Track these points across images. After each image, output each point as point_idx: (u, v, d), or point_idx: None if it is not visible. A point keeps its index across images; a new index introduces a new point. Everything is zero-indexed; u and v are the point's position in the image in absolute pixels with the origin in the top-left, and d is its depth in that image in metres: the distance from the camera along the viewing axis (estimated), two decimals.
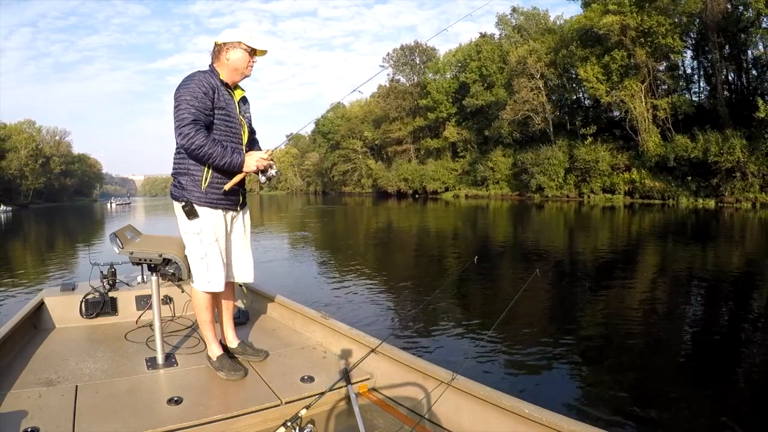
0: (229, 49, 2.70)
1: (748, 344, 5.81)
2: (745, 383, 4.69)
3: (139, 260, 2.91)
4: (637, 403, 4.12)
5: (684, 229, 20.16)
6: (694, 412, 4.05)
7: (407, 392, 2.55)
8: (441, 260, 12.69)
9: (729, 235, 18.23)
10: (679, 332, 6.34)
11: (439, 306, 7.32)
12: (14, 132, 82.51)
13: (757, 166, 31.84)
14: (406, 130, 68.51)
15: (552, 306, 7.66)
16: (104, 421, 2.20)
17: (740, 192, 32.65)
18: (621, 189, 40.57)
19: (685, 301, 8.02)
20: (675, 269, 10.80)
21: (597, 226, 22.73)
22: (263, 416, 2.39)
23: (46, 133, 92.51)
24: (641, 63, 37.91)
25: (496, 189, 52.76)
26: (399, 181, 67.22)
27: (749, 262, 12.03)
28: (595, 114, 45.14)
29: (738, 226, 21.51)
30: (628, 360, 5.26)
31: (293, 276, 10.28)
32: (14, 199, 74.08)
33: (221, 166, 2.62)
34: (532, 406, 1.99)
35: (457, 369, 2.36)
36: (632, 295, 8.15)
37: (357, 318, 6.43)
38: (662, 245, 15.27)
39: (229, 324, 3.03)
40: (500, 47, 55.13)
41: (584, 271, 10.66)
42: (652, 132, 38.93)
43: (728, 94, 38.10)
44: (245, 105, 2.89)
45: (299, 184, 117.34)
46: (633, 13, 36.94)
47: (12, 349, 2.99)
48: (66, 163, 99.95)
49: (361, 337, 2.98)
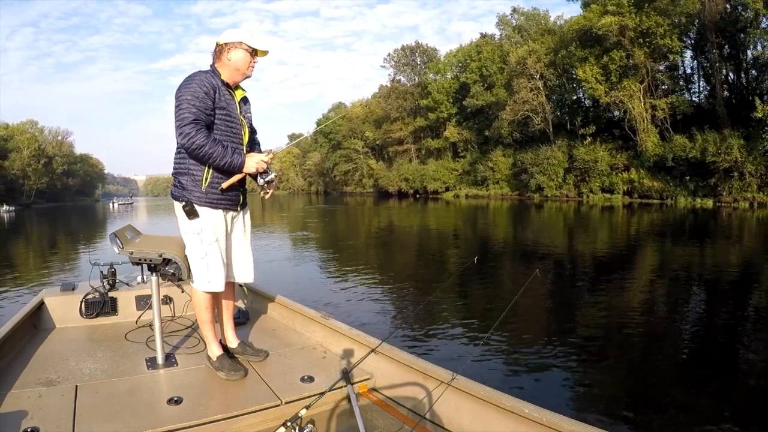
0: (230, 50, 2.69)
1: (747, 343, 5.80)
2: (743, 382, 4.67)
3: (139, 260, 2.89)
4: (637, 403, 4.11)
5: (682, 229, 20.11)
6: (694, 411, 4.03)
7: (407, 392, 2.53)
8: (441, 260, 12.67)
9: (727, 235, 18.21)
10: (678, 332, 6.32)
11: (440, 306, 7.30)
12: (17, 132, 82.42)
13: (755, 166, 31.76)
14: (407, 130, 68.39)
15: (552, 306, 7.65)
16: (104, 421, 2.19)
17: (738, 192, 32.56)
18: (620, 189, 40.49)
19: (684, 301, 7.99)
20: (674, 269, 10.78)
21: (596, 225, 22.69)
22: (263, 416, 2.38)
23: (49, 133, 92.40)
24: (640, 63, 37.83)
25: (496, 189, 52.69)
26: (400, 181, 67.07)
27: (748, 261, 12.01)
28: (594, 114, 45.04)
29: (736, 225, 21.47)
30: (628, 360, 5.25)
31: (293, 275, 10.28)
32: (17, 199, 73.99)
33: (221, 166, 2.61)
34: (532, 406, 1.98)
35: (457, 369, 2.35)
36: (632, 295, 8.14)
37: (357, 318, 6.41)
38: (661, 245, 15.22)
39: (229, 324, 3.01)
40: (500, 48, 55.07)
41: (584, 271, 10.65)
42: (650, 132, 38.84)
43: (727, 94, 38.02)
44: (246, 105, 2.88)
45: (301, 183, 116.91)
46: (631, 14, 36.90)
47: (12, 349, 2.97)
48: (68, 163, 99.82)
49: (361, 337, 2.96)
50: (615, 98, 39.33)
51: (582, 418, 2.58)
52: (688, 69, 41.80)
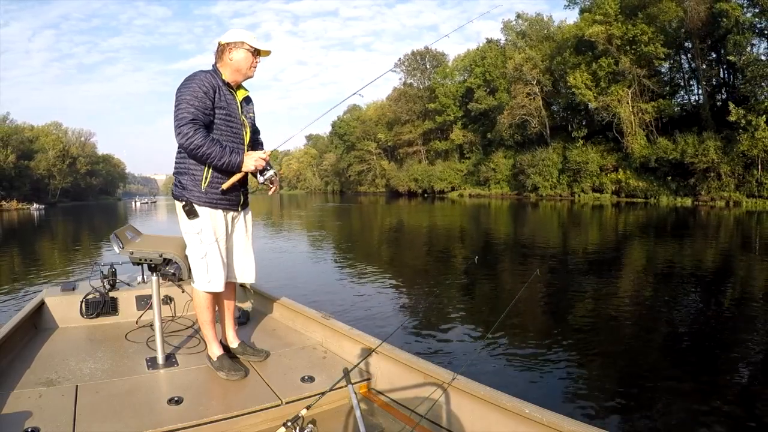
0: (232, 49, 2.57)
1: (746, 342, 5.60)
2: (746, 379, 4.53)
3: (139, 260, 2.77)
4: (638, 403, 3.96)
5: (665, 227, 20.06)
6: (694, 411, 3.87)
7: (408, 392, 2.43)
8: (443, 258, 12.48)
9: (713, 233, 18.11)
10: (678, 331, 6.13)
11: (440, 306, 7.13)
12: (41, 134, 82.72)
13: (730, 167, 32.01)
14: (417, 132, 68.70)
15: (552, 305, 7.40)
16: (104, 421, 2.10)
17: (716, 191, 32.88)
18: (609, 188, 40.86)
19: (676, 297, 7.81)
20: (662, 266, 10.64)
21: (588, 224, 22.65)
22: (263, 416, 2.28)
23: (72, 134, 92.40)
24: (627, 70, 37.92)
25: (497, 189, 53.01)
26: (409, 181, 67.29)
27: (738, 259, 11.88)
28: (588, 117, 45.15)
29: (714, 223, 21.43)
30: (628, 359, 5.06)
31: (294, 275, 9.97)
32: (42, 198, 74.09)
33: (220, 166, 2.49)
34: (532, 406, 1.88)
35: (457, 369, 2.25)
36: (632, 295, 7.95)
37: (357, 318, 6.22)
38: (650, 242, 15.17)
39: (230, 324, 2.88)
40: (503, 53, 54.95)
41: (583, 270, 10.41)
42: (638, 135, 39.04)
43: (711, 98, 38.00)
44: (248, 105, 2.75)
45: (318, 183, 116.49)
46: (618, 23, 37.00)
47: (12, 349, 2.86)
48: (91, 163, 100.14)
49: (362, 337, 2.84)
50: (604, 103, 39.48)
51: (582, 418, 2.44)
52: (674, 74, 41.75)
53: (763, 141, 30.11)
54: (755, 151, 30.54)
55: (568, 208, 33.44)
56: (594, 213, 28.59)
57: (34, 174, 76.52)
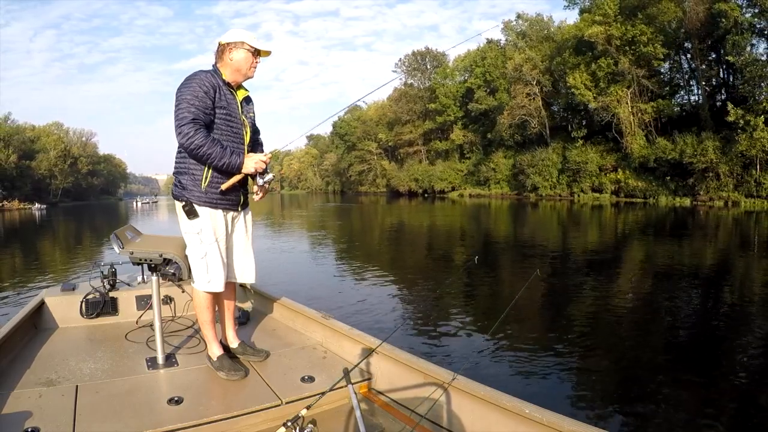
0: (232, 49, 2.56)
1: (746, 342, 5.58)
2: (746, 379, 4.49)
3: (139, 260, 2.75)
4: (638, 403, 3.93)
5: (664, 227, 20.03)
6: (694, 410, 3.86)
7: (408, 392, 2.41)
8: (443, 258, 12.45)
9: (712, 233, 18.09)
10: (678, 331, 6.11)
11: (440, 306, 7.10)
12: (43, 134, 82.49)
13: (729, 167, 31.97)
14: (417, 132, 68.48)
15: (552, 305, 7.37)
16: (104, 421, 2.09)
17: (714, 191, 32.84)
18: (608, 188, 40.78)
19: (682, 298, 7.79)
20: (661, 266, 10.61)
21: (588, 224, 22.61)
22: (264, 416, 2.27)
23: (73, 134, 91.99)
24: (626, 70, 37.85)
25: (497, 189, 52.94)
26: (410, 181, 67.11)
27: (737, 258, 11.85)
28: (588, 118, 45.09)
29: (712, 223, 21.39)
30: (629, 359, 5.04)
31: (294, 275, 9.96)
32: (44, 198, 73.94)
33: (220, 167, 2.48)
34: (532, 406, 1.87)
35: (457, 369, 2.24)
36: (632, 295, 7.92)
37: (358, 318, 6.19)
38: (649, 242, 15.14)
39: (230, 324, 2.87)
40: (504, 53, 54.84)
41: (583, 270, 10.37)
42: (637, 135, 38.98)
43: (710, 99, 37.97)
44: (248, 105, 2.74)
45: (319, 183, 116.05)
46: (617, 23, 36.93)
47: (12, 349, 2.84)
48: (93, 163, 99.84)
49: (362, 337, 2.83)
50: (603, 103, 39.41)
51: (582, 418, 2.42)
52: (674, 74, 41.69)
53: (761, 141, 30.13)
54: (754, 151, 30.56)
55: (568, 208, 33.40)
56: (593, 213, 28.55)
57: (36, 174, 76.42)
